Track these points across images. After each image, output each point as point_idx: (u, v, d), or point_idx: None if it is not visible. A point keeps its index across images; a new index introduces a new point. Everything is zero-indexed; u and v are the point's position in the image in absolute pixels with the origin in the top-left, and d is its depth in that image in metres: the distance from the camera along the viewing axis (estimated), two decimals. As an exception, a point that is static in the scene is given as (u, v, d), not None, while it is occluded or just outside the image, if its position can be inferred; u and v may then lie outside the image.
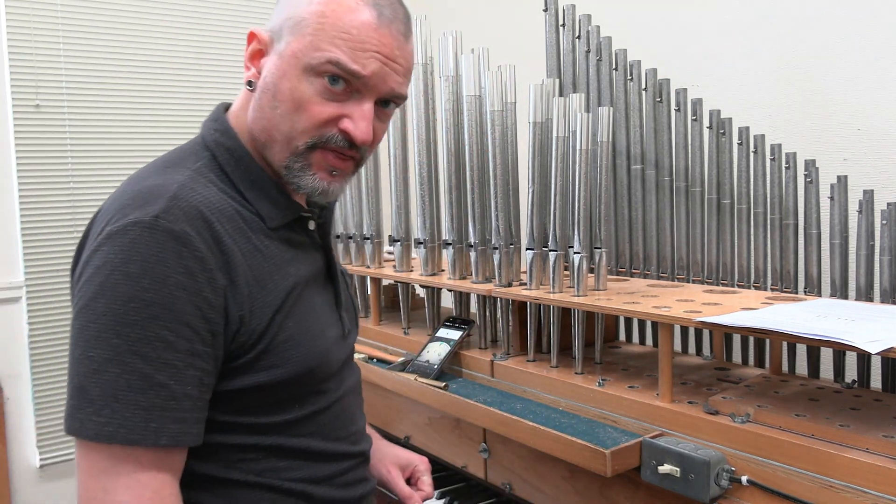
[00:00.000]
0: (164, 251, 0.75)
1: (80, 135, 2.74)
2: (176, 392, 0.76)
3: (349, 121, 0.85)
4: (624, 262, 1.56)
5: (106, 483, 0.74)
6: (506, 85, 1.43)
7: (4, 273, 2.64)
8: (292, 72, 0.84)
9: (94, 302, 0.75)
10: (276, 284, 0.86)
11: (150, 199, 0.79)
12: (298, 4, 0.85)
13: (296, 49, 0.83)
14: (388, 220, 1.76)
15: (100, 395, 0.74)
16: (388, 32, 0.84)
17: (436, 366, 1.51)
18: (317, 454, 0.92)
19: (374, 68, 0.83)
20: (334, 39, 0.82)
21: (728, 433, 1.04)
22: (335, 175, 0.88)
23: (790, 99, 1.75)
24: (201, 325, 0.78)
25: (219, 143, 0.90)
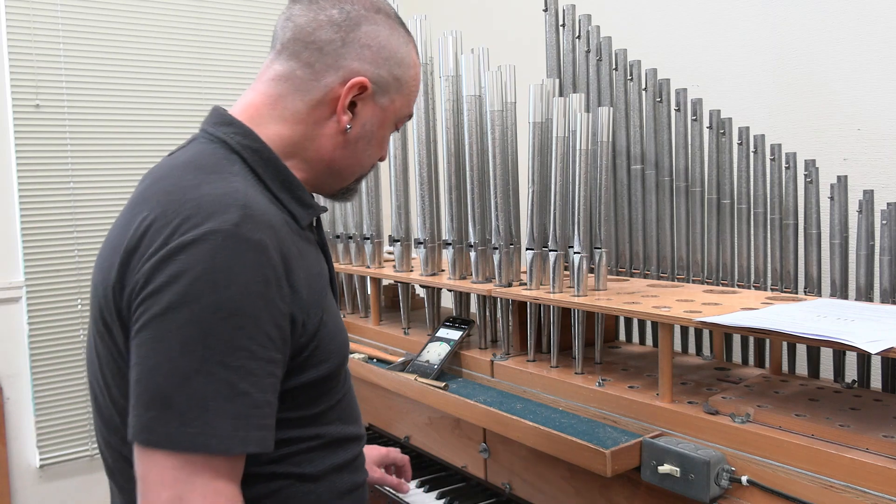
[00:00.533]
0: (245, 260, 0.77)
1: (80, 135, 2.74)
2: (258, 400, 0.77)
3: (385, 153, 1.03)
4: (624, 262, 1.56)
5: (182, 491, 0.74)
6: (506, 85, 1.43)
7: (4, 273, 2.64)
8: (389, 123, 0.99)
9: (174, 312, 0.75)
10: (317, 283, 0.89)
11: (222, 208, 0.78)
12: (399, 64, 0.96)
13: (399, 106, 0.98)
14: (388, 220, 1.76)
15: (188, 406, 0.74)
16: None
17: (436, 366, 1.51)
18: (340, 440, 0.95)
19: None
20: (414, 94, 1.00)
21: (728, 433, 1.04)
22: None
23: (790, 99, 1.75)
24: (276, 333, 0.79)
25: (244, 146, 0.90)
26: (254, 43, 3.09)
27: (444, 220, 1.60)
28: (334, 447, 0.94)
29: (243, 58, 3.07)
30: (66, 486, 2.75)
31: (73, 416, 2.75)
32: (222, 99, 3.03)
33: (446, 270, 1.62)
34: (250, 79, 3.06)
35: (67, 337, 2.73)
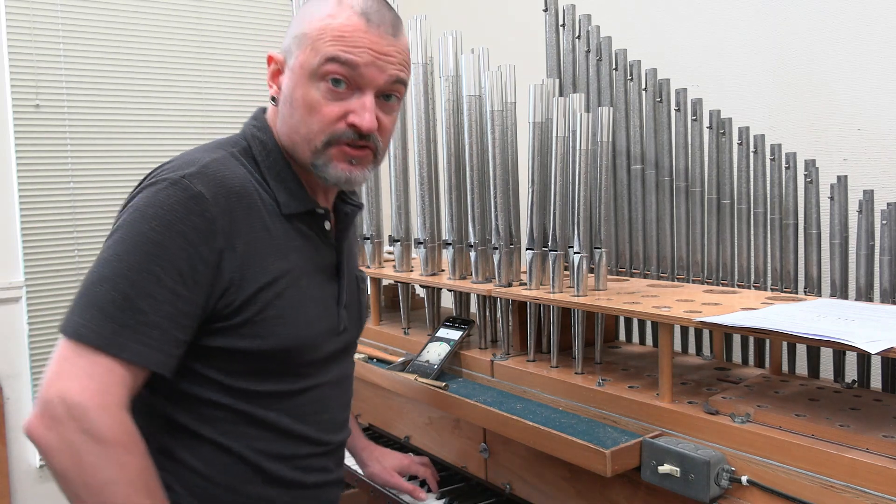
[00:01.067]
0: (177, 203, 0.89)
1: (80, 135, 2.74)
2: (150, 320, 0.87)
3: (354, 115, 0.97)
4: (624, 262, 1.56)
5: (62, 368, 0.86)
6: (506, 85, 1.43)
7: (4, 273, 2.64)
8: (302, 81, 0.97)
9: (115, 232, 0.91)
10: (272, 262, 0.97)
11: (185, 164, 0.94)
12: (301, 24, 0.99)
13: (302, 60, 0.97)
14: (388, 220, 1.76)
15: (88, 303, 0.87)
16: (377, 32, 0.97)
17: (436, 366, 1.51)
18: (280, 431, 1.00)
19: (367, 59, 0.96)
20: (330, 42, 0.95)
21: (728, 433, 1.04)
22: (354, 164, 1.00)
23: (790, 99, 1.75)
24: (188, 271, 0.89)
25: (255, 136, 1.04)
26: (254, 43, 3.09)
27: (444, 220, 1.60)
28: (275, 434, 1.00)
29: (243, 58, 3.07)
30: (66, 486, 2.75)
31: (73, 416, 2.74)
32: (222, 99, 3.03)
33: (446, 270, 1.62)
34: (250, 79, 3.06)
35: (67, 337, 2.72)
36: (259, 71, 3.06)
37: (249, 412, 0.98)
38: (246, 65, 3.07)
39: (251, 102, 3.06)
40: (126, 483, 0.84)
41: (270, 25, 3.12)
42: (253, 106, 3.38)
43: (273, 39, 3.11)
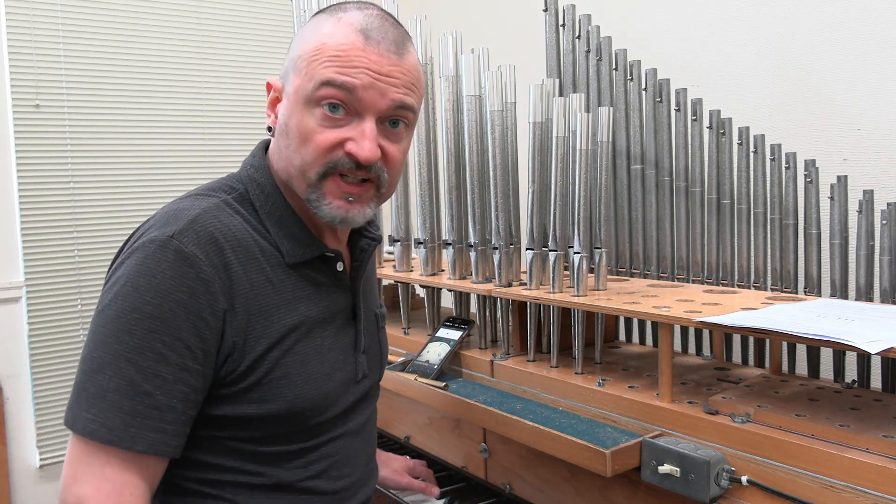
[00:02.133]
0: (170, 269, 0.81)
1: (80, 135, 2.74)
2: (160, 403, 0.80)
3: (352, 143, 0.87)
4: (624, 262, 1.56)
5: (78, 472, 0.80)
6: (506, 85, 1.43)
7: (4, 273, 2.64)
8: (297, 108, 0.88)
9: (107, 308, 0.82)
10: (279, 318, 0.89)
11: (172, 221, 0.85)
12: (298, 45, 0.90)
13: (297, 85, 0.88)
14: (389, 220, 1.76)
15: (93, 394, 0.80)
16: (377, 51, 0.86)
17: (436, 366, 1.51)
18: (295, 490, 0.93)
19: (366, 81, 0.85)
20: (325, 63, 0.86)
21: (728, 433, 1.04)
22: (352, 201, 0.90)
23: (790, 99, 1.75)
24: (196, 342, 0.82)
25: (252, 178, 0.94)
26: (254, 43, 3.09)
27: (444, 220, 1.60)
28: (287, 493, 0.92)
29: (243, 58, 3.06)
30: (66, 486, 2.75)
31: (73, 416, 2.74)
32: (222, 99, 3.03)
33: (446, 270, 1.62)
34: (250, 79, 3.06)
35: (67, 337, 2.72)
36: (259, 71, 3.06)
37: (259, 472, 0.91)
38: (246, 65, 3.07)
39: (251, 102, 3.06)
40: None
41: (270, 26, 3.12)
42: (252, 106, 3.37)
43: (273, 39, 3.11)
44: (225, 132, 3.04)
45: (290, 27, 2.82)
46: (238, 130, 3.06)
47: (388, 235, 1.78)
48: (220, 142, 3.02)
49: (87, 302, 2.75)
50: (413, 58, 0.92)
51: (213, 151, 2.99)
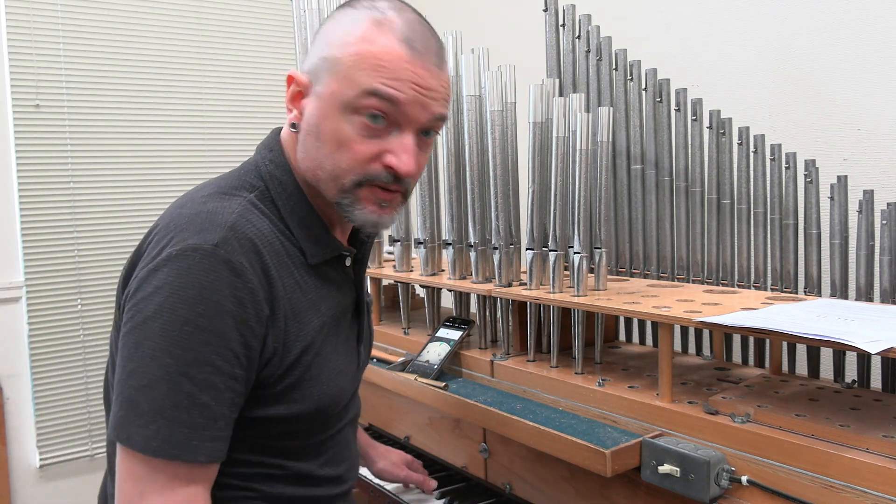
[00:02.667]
0: (219, 280, 0.80)
1: (80, 135, 2.74)
2: (215, 412, 0.81)
3: (392, 156, 0.86)
4: (624, 262, 1.56)
5: (143, 489, 0.79)
6: (506, 85, 1.43)
7: (4, 273, 2.64)
8: (333, 112, 0.86)
9: (151, 321, 0.79)
10: (309, 320, 0.90)
11: (209, 226, 0.83)
12: (334, 46, 0.87)
13: (335, 89, 0.85)
14: (388, 220, 1.76)
15: (148, 410, 0.79)
16: (422, 64, 0.85)
17: (436, 366, 1.51)
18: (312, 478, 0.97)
19: (411, 96, 0.84)
20: (370, 72, 0.83)
21: (728, 433, 1.04)
22: (384, 207, 0.90)
23: (790, 99, 1.75)
24: (243, 351, 0.82)
25: (273, 175, 0.93)
26: (254, 43, 3.09)
27: (444, 220, 1.60)
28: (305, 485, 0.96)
29: (243, 58, 3.06)
30: (66, 486, 2.75)
31: (73, 416, 2.74)
32: (222, 99, 3.03)
33: (446, 270, 1.62)
34: (250, 79, 3.06)
35: (67, 337, 2.72)
36: (259, 70, 3.06)
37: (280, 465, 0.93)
38: (246, 65, 3.07)
39: (251, 102, 3.06)
40: None
41: (270, 26, 3.12)
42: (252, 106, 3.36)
43: (273, 39, 3.11)
44: (225, 132, 3.04)
45: (290, 27, 2.82)
46: (238, 130, 3.06)
47: (388, 235, 1.78)
48: (220, 142, 3.02)
49: (87, 302, 2.75)
50: (447, 69, 0.92)
51: (213, 151, 2.99)
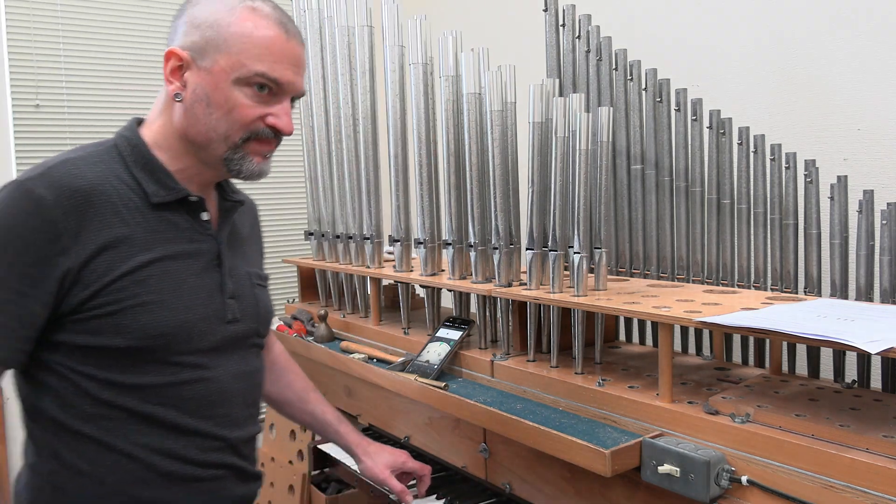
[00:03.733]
0: (17, 207, 0.94)
1: (80, 135, 2.74)
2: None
3: (274, 118, 1.05)
4: (624, 262, 1.56)
5: None
6: (506, 85, 1.43)
7: (4, 273, 2.64)
8: (223, 84, 1.02)
9: None
10: (132, 254, 0.99)
11: (35, 169, 0.98)
12: (216, 26, 1.02)
13: (224, 66, 1.01)
14: (388, 220, 1.76)
15: None
16: (295, 44, 1.05)
17: (436, 366, 1.51)
18: (167, 425, 1.02)
19: (290, 74, 1.04)
20: (258, 56, 1.01)
21: (728, 433, 1.04)
22: (266, 157, 1.08)
23: (790, 99, 1.75)
24: (33, 272, 0.94)
25: (121, 135, 1.09)
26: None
27: (444, 220, 1.60)
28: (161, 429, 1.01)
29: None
30: (66, 486, 2.75)
31: (73, 416, 2.74)
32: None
33: (446, 270, 1.62)
34: (250, 79, 3.06)
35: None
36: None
37: (131, 407, 1.00)
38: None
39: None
40: None
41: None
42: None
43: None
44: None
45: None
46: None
47: (388, 235, 1.78)
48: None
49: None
50: None
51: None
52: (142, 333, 0.98)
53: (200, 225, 1.08)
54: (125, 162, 1.05)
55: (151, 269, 1.00)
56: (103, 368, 0.98)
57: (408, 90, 1.65)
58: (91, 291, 0.96)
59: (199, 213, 1.09)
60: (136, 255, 0.99)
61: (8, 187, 0.95)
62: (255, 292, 1.17)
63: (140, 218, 1.02)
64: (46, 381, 1.00)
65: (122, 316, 0.97)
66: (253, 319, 1.14)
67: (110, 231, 0.98)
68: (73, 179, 0.97)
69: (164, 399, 1.01)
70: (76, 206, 0.96)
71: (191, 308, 1.03)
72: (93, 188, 0.98)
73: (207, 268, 1.08)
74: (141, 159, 1.05)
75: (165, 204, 1.04)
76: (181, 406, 1.03)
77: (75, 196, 0.96)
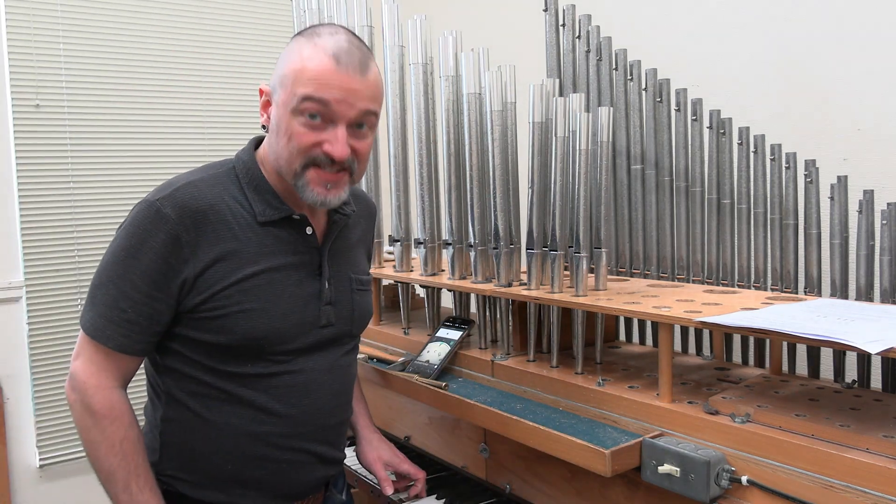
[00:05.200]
0: (150, 223, 1.09)
1: (80, 135, 2.74)
2: (129, 317, 1.10)
3: (328, 144, 1.11)
4: (624, 262, 1.56)
5: (79, 350, 1.13)
6: (506, 85, 1.43)
7: (4, 273, 2.64)
8: (285, 115, 1.11)
9: (111, 245, 1.13)
10: (241, 266, 1.13)
11: (162, 189, 1.13)
12: (284, 65, 1.13)
13: (284, 98, 1.12)
14: (389, 220, 1.76)
15: (92, 303, 1.12)
16: (346, 72, 1.10)
17: (436, 366, 1.51)
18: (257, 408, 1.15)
19: (338, 97, 1.09)
20: (306, 83, 1.09)
21: (728, 433, 1.04)
22: (330, 188, 1.14)
23: (790, 99, 1.75)
24: (160, 278, 1.09)
25: (240, 158, 1.21)
26: (254, 43, 3.09)
27: (444, 220, 1.60)
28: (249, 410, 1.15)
29: (243, 58, 3.06)
30: (66, 486, 2.75)
31: (73, 416, 2.75)
32: (222, 99, 3.03)
33: (446, 270, 1.62)
34: (250, 79, 3.06)
35: (67, 337, 2.72)
36: (258, 70, 3.06)
37: (229, 390, 1.14)
38: (245, 65, 3.07)
39: (250, 103, 3.06)
40: (107, 446, 1.10)
41: (270, 26, 3.12)
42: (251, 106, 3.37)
43: (273, 40, 3.12)
44: (224, 132, 3.04)
45: (290, 27, 2.82)
46: (237, 130, 3.06)
47: (388, 235, 1.78)
48: (220, 142, 3.02)
49: (87, 302, 2.75)
50: (374, 74, 1.15)
51: (212, 151, 2.99)
52: (242, 335, 1.12)
53: (304, 239, 1.19)
54: (240, 183, 1.17)
55: (256, 279, 1.13)
56: (209, 357, 1.13)
57: (408, 90, 1.65)
58: (203, 297, 1.11)
59: (304, 228, 1.19)
60: (244, 267, 1.13)
61: (141, 206, 1.11)
62: (354, 297, 1.26)
63: (250, 234, 1.15)
64: (166, 363, 1.16)
65: (226, 319, 1.11)
66: (347, 322, 1.25)
67: (223, 245, 1.12)
68: (193, 201, 1.11)
69: (257, 386, 1.15)
70: (195, 224, 1.11)
71: (287, 315, 1.15)
72: (210, 207, 1.12)
73: (308, 277, 1.19)
74: (253, 181, 1.17)
75: (272, 221, 1.16)
76: (271, 392, 1.15)
77: (195, 215, 1.11)
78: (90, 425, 1.11)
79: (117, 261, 1.10)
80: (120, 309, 1.10)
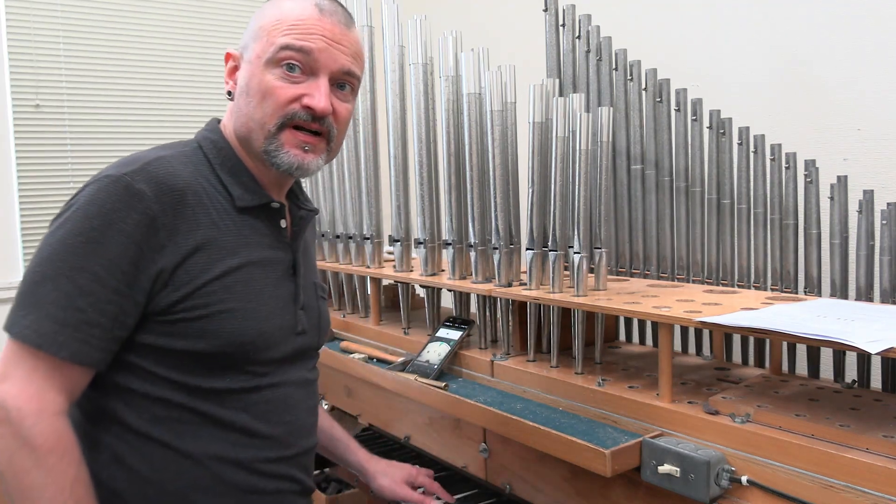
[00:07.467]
0: (118, 200, 0.89)
1: (80, 135, 2.74)
2: (90, 318, 0.88)
3: (308, 97, 0.99)
4: (624, 262, 1.56)
5: (8, 370, 0.87)
6: (506, 85, 1.43)
7: (4, 273, 2.64)
8: (258, 69, 0.99)
9: (57, 230, 0.90)
10: (220, 259, 0.97)
11: (129, 162, 0.94)
12: (258, 19, 1.03)
13: (258, 51, 1.00)
14: (388, 220, 1.76)
15: (31, 303, 0.88)
16: (330, 21, 1.00)
17: (436, 366, 1.51)
18: (240, 430, 0.98)
19: (321, 46, 0.98)
20: (285, 32, 0.98)
21: (728, 433, 1.04)
22: (307, 150, 1.01)
23: (790, 99, 1.75)
24: (130, 270, 0.90)
25: (206, 137, 1.06)
26: (254, 43, 3.09)
27: (444, 220, 1.60)
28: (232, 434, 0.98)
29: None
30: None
31: (73, 416, 2.74)
32: (222, 98, 3.03)
33: (446, 270, 1.62)
34: (250, 79, 3.06)
35: (67, 337, 2.72)
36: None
37: (205, 410, 0.96)
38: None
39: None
40: (55, 491, 0.85)
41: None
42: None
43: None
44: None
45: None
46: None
47: (388, 235, 1.78)
48: (220, 142, 3.02)
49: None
50: (357, 34, 1.05)
51: (213, 151, 2.99)
52: (226, 340, 0.95)
53: (279, 232, 1.06)
54: (210, 164, 1.02)
55: (238, 274, 0.97)
56: (180, 371, 0.94)
57: (408, 90, 1.65)
58: (182, 293, 0.93)
59: (279, 221, 1.06)
60: (225, 258, 0.97)
61: (103, 181, 0.90)
62: (319, 304, 1.15)
63: (228, 221, 0.99)
64: (117, 382, 0.94)
65: (210, 321, 0.94)
66: (315, 331, 1.12)
67: (203, 232, 0.95)
68: (170, 177, 0.94)
69: (237, 404, 0.98)
70: (173, 204, 0.93)
71: (269, 318, 1.00)
72: (188, 187, 0.96)
73: (284, 277, 1.05)
74: (227, 162, 1.03)
75: (249, 208, 1.02)
76: (251, 410, 0.99)
77: (173, 193, 0.93)
78: (29, 466, 0.84)
79: (70, 249, 0.88)
80: (76, 308, 0.87)
